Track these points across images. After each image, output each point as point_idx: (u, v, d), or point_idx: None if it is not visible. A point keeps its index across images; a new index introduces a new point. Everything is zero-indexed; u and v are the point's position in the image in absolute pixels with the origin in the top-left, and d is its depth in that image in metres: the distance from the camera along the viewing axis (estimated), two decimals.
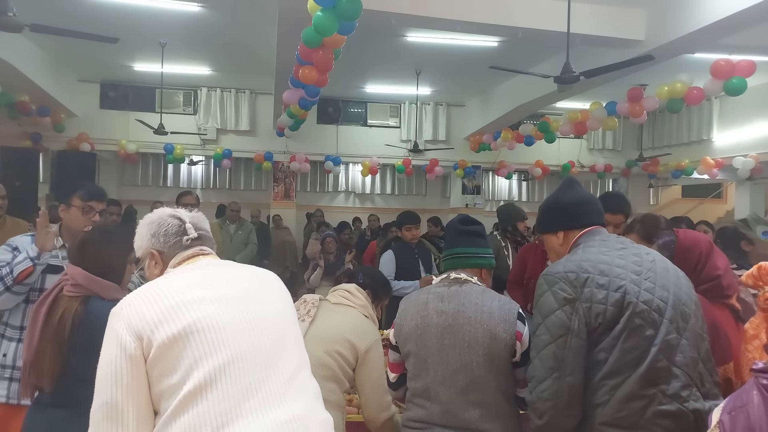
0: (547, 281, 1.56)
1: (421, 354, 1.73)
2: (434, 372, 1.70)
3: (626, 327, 1.47)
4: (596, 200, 1.79)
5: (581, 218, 1.73)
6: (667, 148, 10.51)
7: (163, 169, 10.71)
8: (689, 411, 1.44)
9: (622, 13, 5.63)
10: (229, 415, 1.17)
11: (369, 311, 2.20)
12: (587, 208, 1.74)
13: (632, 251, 1.60)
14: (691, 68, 6.82)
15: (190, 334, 1.22)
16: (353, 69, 8.22)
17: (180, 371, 1.19)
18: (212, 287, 1.34)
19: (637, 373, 1.45)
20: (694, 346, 1.51)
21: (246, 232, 6.28)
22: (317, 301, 2.20)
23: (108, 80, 9.58)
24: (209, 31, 6.79)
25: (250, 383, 1.23)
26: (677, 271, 1.62)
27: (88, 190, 2.50)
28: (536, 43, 6.29)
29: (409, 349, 1.76)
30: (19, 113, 8.17)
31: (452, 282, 1.80)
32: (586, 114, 7.89)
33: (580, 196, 1.77)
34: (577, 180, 1.86)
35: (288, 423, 1.22)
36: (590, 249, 1.61)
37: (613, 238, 1.66)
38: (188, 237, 1.48)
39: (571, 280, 1.51)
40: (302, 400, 1.30)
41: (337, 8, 3.86)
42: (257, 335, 1.30)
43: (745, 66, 5.79)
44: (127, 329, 1.22)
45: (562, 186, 1.83)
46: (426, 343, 1.72)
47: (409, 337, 1.76)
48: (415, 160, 10.13)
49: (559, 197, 1.80)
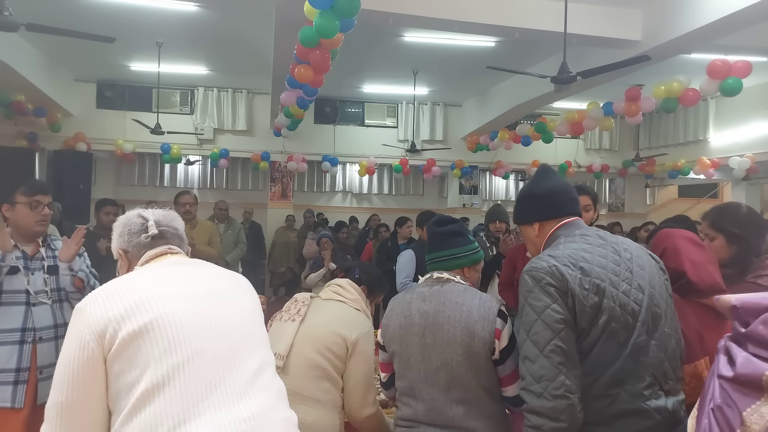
0: (533, 277, 1.51)
1: (404, 353, 1.74)
2: (417, 371, 1.71)
3: (603, 330, 1.46)
4: (570, 189, 1.73)
5: (555, 209, 1.69)
6: (664, 148, 10.55)
7: (159, 169, 10.67)
8: (651, 409, 1.45)
9: (618, 14, 5.65)
10: (187, 413, 1.16)
11: (361, 305, 2.15)
12: (561, 197, 1.70)
13: (611, 248, 1.57)
14: (687, 69, 6.84)
15: (151, 330, 1.21)
16: (351, 69, 8.22)
17: (139, 368, 1.19)
18: (177, 285, 1.34)
19: (606, 375, 1.45)
20: (662, 347, 1.51)
21: (235, 231, 6.26)
22: (308, 299, 2.16)
23: (105, 80, 9.55)
24: (206, 30, 6.77)
25: (210, 381, 1.22)
26: (652, 267, 1.60)
27: (30, 184, 2.44)
28: (533, 43, 6.30)
29: (394, 349, 1.78)
30: (15, 113, 8.13)
31: (435, 282, 1.81)
32: (583, 114, 7.91)
33: (554, 186, 1.72)
34: (551, 168, 1.81)
35: (247, 421, 1.21)
36: (571, 245, 1.57)
37: (592, 232, 1.63)
38: (147, 234, 1.48)
39: (555, 274, 1.48)
40: (263, 398, 1.28)
41: (334, 8, 3.87)
42: (220, 333, 1.29)
43: (741, 66, 5.81)
44: (89, 329, 1.21)
45: (535, 175, 1.79)
46: (409, 343, 1.73)
47: (394, 337, 1.77)
48: (412, 160, 10.13)
49: (532, 188, 1.76)
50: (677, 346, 1.57)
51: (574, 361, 1.45)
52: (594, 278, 1.48)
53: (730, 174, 9.23)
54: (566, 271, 1.48)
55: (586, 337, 1.47)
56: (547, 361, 1.43)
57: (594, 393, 1.46)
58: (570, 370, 1.43)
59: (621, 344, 1.46)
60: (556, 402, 1.40)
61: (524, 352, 1.50)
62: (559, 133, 8.63)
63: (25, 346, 2.31)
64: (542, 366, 1.44)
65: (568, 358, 1.43)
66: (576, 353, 1.46)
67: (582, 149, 11.39)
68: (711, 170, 9.38)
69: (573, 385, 1.42)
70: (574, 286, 1.47)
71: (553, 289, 1.47)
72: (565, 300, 1.47)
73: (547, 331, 1.45)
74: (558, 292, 1.47)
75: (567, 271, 1.48)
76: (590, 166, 10.87)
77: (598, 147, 11.48)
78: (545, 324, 1.45)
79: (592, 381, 1.47)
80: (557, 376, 1.41)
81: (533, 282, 1.51)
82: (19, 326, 2.31)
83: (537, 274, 1.51)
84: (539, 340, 1.46)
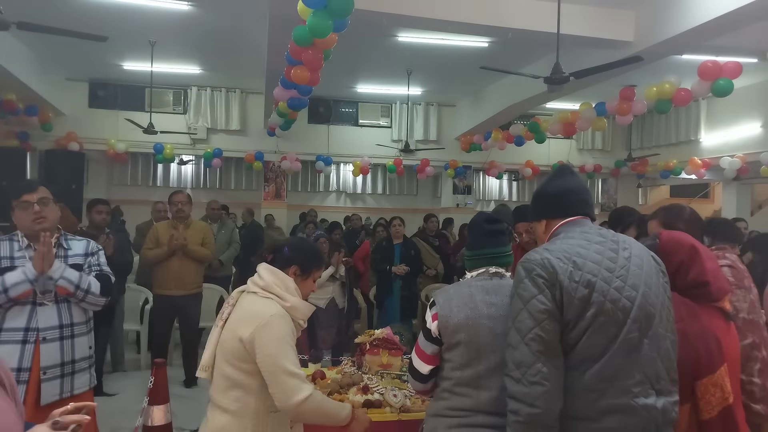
0: (525, 268, 1.57)
1: (473, 343, 1.74)
2: (487, 360, 1.72)
3: (591, 324, 1.49)
4: (582, 190, 1.77)
5: (563, 207, 1.74)
6: (656, 149, 10.62)
7: (152, 169, 10.63)
8: (638, 406, 1.48)
9: (611, 15, 5.68)
10: None
11: (274, 290, 1.95)
12: (571, 197, 1.74)
13: (610, 246, 1.60)
14: (679, 69, 6.89)
15: None
16: (344, 69, 8.22)
17: None
18: None
19: (594, 369, 1.48)
20: (654, 346, 1.53)
21: (228, 231, 6.25)
22: (235, 297, 2.04)
23: (97, 79, 9.50)
24: (199, 30, 6.75)
25: None
26: (651, 268, 1.62)
27: (15, 187, 2.44)
28: (526, 43, 6.33)
29: (460, 339, 1.76)
30: (5, 112, 8.07)
31: (493, 275, 1.87)
32: (575, 114, 7.95)
33: (565, 186, 1.77)
34: (569, 168, 1.86)
35: None
36: (569, 240, 1.62)
37: (594, 231, 1.67)
38: None
39: (546, 267, 1.53)
40: None
41: (328, 7, 3.87)
42: None
43: (731, 67, 5.86)
44: None
45: (551, 174, 1.86)
46: (478, 333, 1.74)
47: (459, 327, 1.76)
48: (406, 160, 10.15)
49: (545, 186, 1.83)
50: (672, 348, 1.59)
51: (554, 351, 1.49)
52: (586, 272, 1.52)
53: (721, 174, 9.30)
54: (558, 264, 1.52)
55: (573, 329, 1.50)
56: (527, 348, 1.49)
57: (582, 386, 1.49)
58: (549, 359, 1.48)
59: (610, 339, 1.49)
60: (532, 388, 1.47)
61: (508, 339, 1.56)
62: (552, 133, 8.66)
63: (27, 346, 2.29)
64: (522, 353, 1.50)
65: (547, 347, 1.48)
66: (558, 344, 1.50)
67: (575, 149, 11.45)
68: (702, 170, 9.45)
69: (550, 373, 1.47)
70: (563, 278, 1.51)
71: (542, 280, 1.52)
72: (553, 292, 1.51)
73: (530, 319, 1.50)
74: (546, 284, 1.52)
75: (558, 264, 1.53)
76: (583, 166, 10.93)
77: (590, 147, 11.54)
78: (529, 313, 1.51)
79: (580, 374, 1.49)
80: (534, 363, 1.47)
81: (525, 272, 1.56)
82: (23, 326, 2.30)
83: (529, 265, 1.56)
84: (522, 328, 1.51)
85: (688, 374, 1.66)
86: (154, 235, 4.61)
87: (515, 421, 1.50)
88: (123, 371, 5.12)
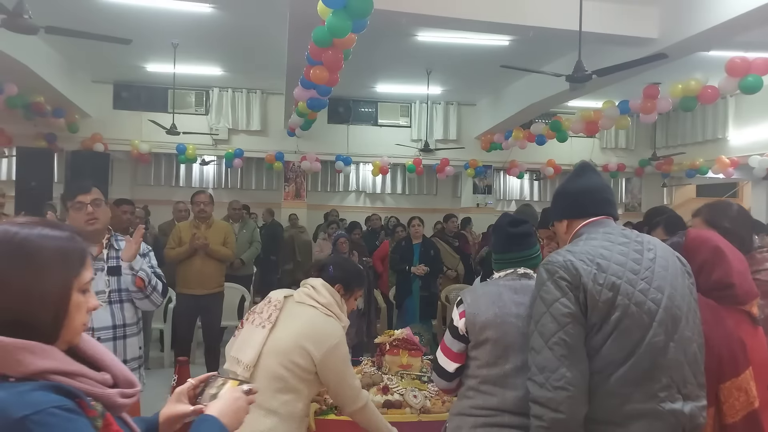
0: (548, 270, 1.53)
1: (502, 342, 1.73)
2: (514, 359, 1.70)
3: (616, 327, 1.46)
4: (604, 189, 1.73)
5: (585, 207, 1.69)
6: (681, 147, 10.39)
7: (175, 169, 10.79)
8: (665, 411, 1.44)
9: (634, 11, 5.57)
10: None
11: (334, 309, 2.09)
12: (593, 196, 1.70)
13: (634, 247, 1.56)
14: (705, 66, 6.73)
15: None
16: (364, 69, 8.22)
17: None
18: None
19: (619, 373, 1.45)
20: (681, 349, 1.49)
21: (250, 230, 6.30)
22: (281, 301, 2.09)
23: (121, 81, 9.67)
24: (221, 31, 6.82)
25: None
26: (677, 269, 1.58)
27: (68, 187, 2.49)
28: (548, 41, 6.25)
29: (488, 337, 1.75)
30: (34, 114, 8.27)
31: (521, 276, 1.87)
32: (598, 113, 7.83)
33: (587, 184, 1.72)
34: (590, 166, 1.80)
35: None
36: (592, 242, 1.58)
37: (617, 231, 1.62)
38: None
39: (569, 269, 1.49)
40: None
41: (347, 8, 3.87)
42: None
43: (761, 63, 5.71)
44: None
45: (573, 173, 1.80)
46: (507, 331, 1.73)
47: (488, 325, 1.75)
48: (425, 159, 10.11)
49: (566, 185, 1.79)
50: (699, 351, 1.55)
51: (578, 355, 1.46)
52: (610, 275, 1.48)
53: (750, 173, 9.06)
54: (581, 266, 1.49)
55: (598, 332, 1.47)
56: (550, 352, 1.46)
57: (607, 390, 1.46)
58: (573, 363, 1.44)
59: (635, 343, 1.46)
60: (556, 393, 1.43)
61: (531, 343, 1.53)
62: (574, 132, 8.55)
63: None
64: (546, 357, 1.47)
65: (571, 351, 1.45)
66: (582, 348, 1.47)
67: (598, 148, 11.26)
68: (730, 169, 9.22)
69: (574, 378, 1.43)
70: (587, 281, 1.47)
71: (565, 283, 1.49)
72: (576, 295, 1.48)
73: (554, 323, 1.47)
74: (570, 287, 1.48)
75: (582, 266, 1.49)
76: (606, 166, 10.75)
77: (614, 146, 11.35)
78: (552, 316, 1.48)
79: (604, 377, 1.46)
80: (559, 368, 1.44)
81: (547, 275, 1.53)
82: None
83: (551, 267, 1.53)
84: (545, 332, 1.48)
85: (711, 377, 1.61)
86: (177, 235, 4.67)
87: (539, 426, 1.47)
88: (147, 369, 5.18)
